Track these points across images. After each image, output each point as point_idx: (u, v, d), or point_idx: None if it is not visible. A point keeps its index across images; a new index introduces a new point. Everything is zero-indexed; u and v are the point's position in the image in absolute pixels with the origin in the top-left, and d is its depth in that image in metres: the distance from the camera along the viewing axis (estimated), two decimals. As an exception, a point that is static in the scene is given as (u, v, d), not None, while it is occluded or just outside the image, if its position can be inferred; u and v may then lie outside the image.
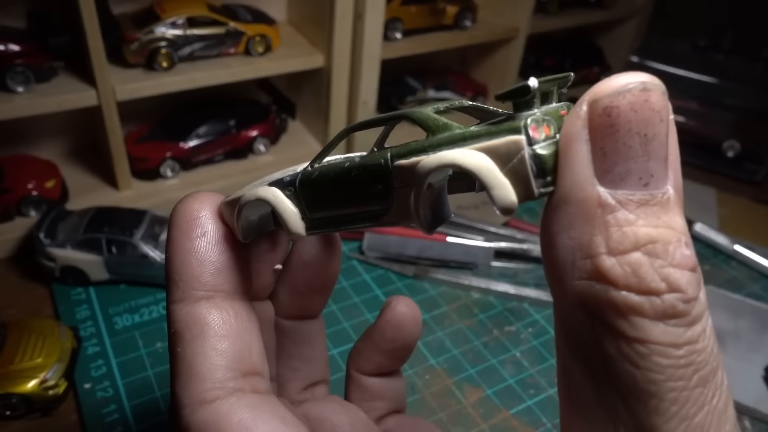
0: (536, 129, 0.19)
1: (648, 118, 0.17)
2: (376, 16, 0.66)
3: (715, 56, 0.89)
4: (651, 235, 0.17)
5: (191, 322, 0.24)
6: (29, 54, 0.56)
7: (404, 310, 0.29)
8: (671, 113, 0.18)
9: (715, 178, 0.84)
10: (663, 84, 0.18)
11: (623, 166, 0.17)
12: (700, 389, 0.18)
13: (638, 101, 0.17)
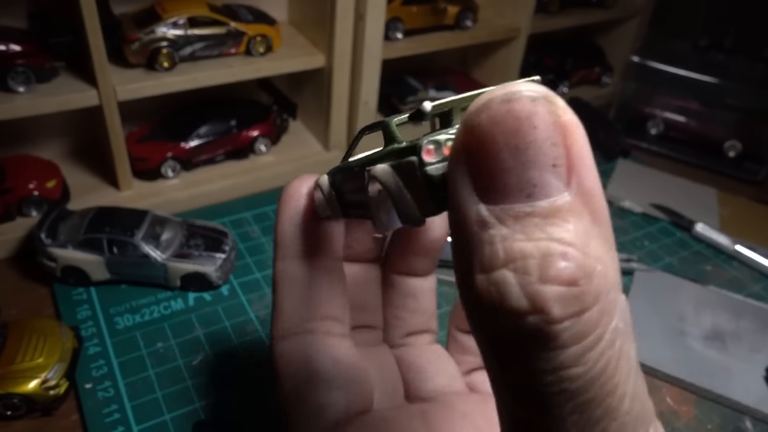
0: (431, 151, 0.19)
1: (515, 128, 0.17)
2: (377, 17, 0.66)
3: (716, 56, 0.89)
4: (524, 249, 0.16)
5: (282, 275, 0.31)
6: (30, 54, 0.56)
7: None
8: (565, 116, 0.17)
9: (716, 178, 0.84)
10: (540, 91, 0.17)
11: (500, 180, 0.17)
12: (576, 416, 0.17)
13: (498, 113, 0.17)
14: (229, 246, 0.58)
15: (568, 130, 0.17)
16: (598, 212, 0.17)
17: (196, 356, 0.51)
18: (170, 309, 0.55)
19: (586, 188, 0.17)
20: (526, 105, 0.17)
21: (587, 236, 0.17)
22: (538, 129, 0.16)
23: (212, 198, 0.68)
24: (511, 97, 0.17)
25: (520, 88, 0.17)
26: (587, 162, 0.17)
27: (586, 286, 0.16)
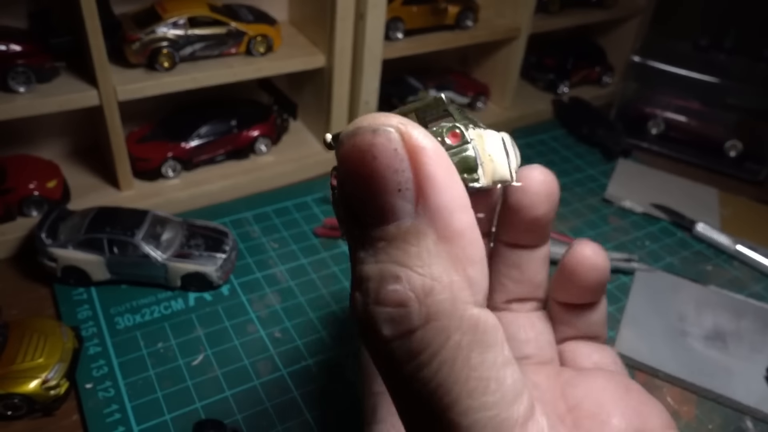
0: (458, 135, 0.21)
1: (359, 160, 0.18)
2: (377, 16, 0.66)
3: (717, 56, 0.89)
4: (369, 272, 0.18)
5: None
6: (30, 54, 0.56)
7: (587, 253, 0.31)
8: (412, 141, 0.18)
9: (717, 178, 0.83)
10: (383, 122, 0.18)
11: (357, 208, 0.18)
12: (424, 422, 0.19)
13: (347, 148, 0.18)
14: (229, 246, 0.58)
15: (415, 154, 0.17)
16: (448, 230, 0.18)
17: (196, 356, 0.51)
18: (171, 309, 0.55)
19: (435, 208, 0.18)
20: (365, 138, 0.18)
21: (429, 256, 0.18)
22: (378, 159, 0.18)
23: (213, 198, 0.68)
24: (354, 132, 0.18)
25: (364, 121, 0.18)
26: (439, 182, 0.18)
27: (416, 306, 0.17)
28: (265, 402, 0.48)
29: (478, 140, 0.21)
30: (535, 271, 0.33)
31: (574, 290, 0.32)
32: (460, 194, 0.18)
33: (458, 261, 0.18)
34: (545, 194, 0.30)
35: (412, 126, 0.18)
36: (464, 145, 0.20)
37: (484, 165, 0.21)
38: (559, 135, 0.89)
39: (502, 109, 0.89)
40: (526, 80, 0.96)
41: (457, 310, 0.18)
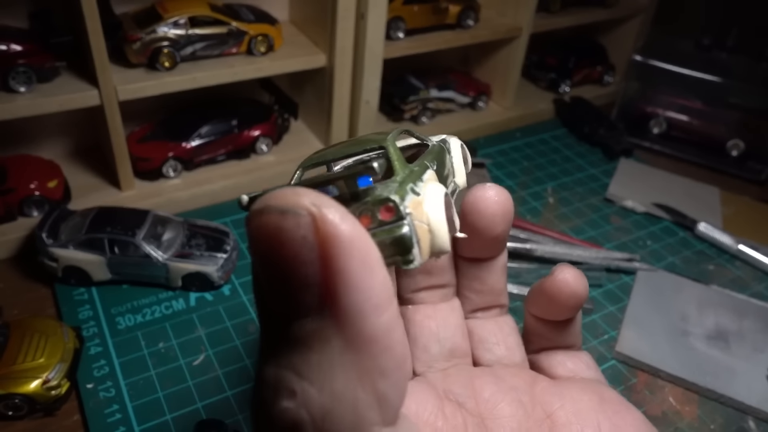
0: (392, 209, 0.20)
1: (266, 244, 0.16)
2: (378, 16, 0.66)
3: (719, 55, 0.89)
4: (267, 376, 0.17)
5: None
6: (31, 54, 0.56)
7: (568, 280, 0.31)
8: (326, 228, 0.15)
9: (719, 178, 0.83)
10: (294, 201, 0.15)
11: (264, 292, 0.17)
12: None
13: (254, 226, 0.16)
14: (230, 246, 0.58)
15: (326, 244, 0.15)
16: (357, 337, 0.15)
17: (197, 356, 0.51)
18: (171, 309, 0.55)
19: (343, 310, 0.15)
20: (272, 219, 0.15)
21: (331, 367, 0.15)
22: (284, 247, 0.15)
23: (213, 198, 0.68)
24: (262, 210, 0.15)
25: (274, 199, 0.16)
26: (351, 279, 0.15)
27: (311, 430, 0.15)
28: (266, 402, 0.48)
29: (415, 210, 0.19)
30: (495, 280, 0.33)
31: (552, 310, 0.32)
32: (378, 292, 0.16)
33: (367, 374, 0.16)
34: (501, 215, 0.29)
35: (328, 207, 0.15)
36: (398, 222, 0.18)
37: (421, 241, 0.19)
38: (561, 134, 0.89)
39: (504, 109, 0.89)
40: (527, 79, 0.96)
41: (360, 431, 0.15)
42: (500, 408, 0.31)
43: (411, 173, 0.21)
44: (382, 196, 0.18)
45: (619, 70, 0.99)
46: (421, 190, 0.20)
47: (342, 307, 0.15)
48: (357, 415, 0.15)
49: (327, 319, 0.16)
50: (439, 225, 0.19)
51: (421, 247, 0.19)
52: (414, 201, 0.19)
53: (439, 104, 0.84)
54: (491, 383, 0.32)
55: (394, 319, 0.16)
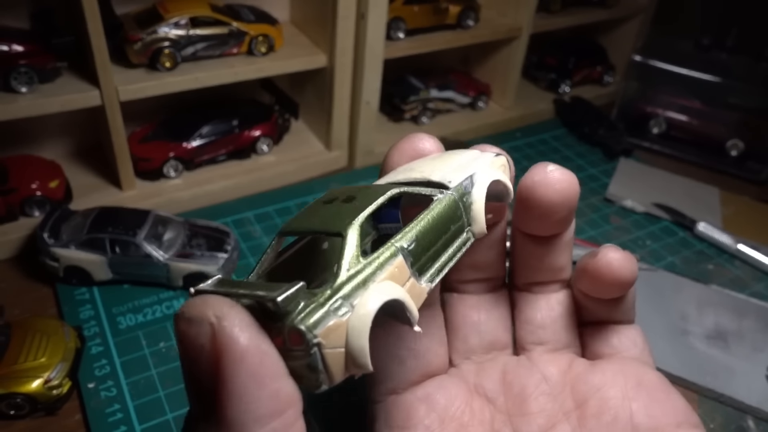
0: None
1: (177, 342, 0.17)
2: (378, 16, 0.66)
3: (719, 55, 0.89)
4: None
5: None
6: (33, 54, 0.56)
7: (607, 260, 0.29)
8: (222, 339, 0.16)
9: (718, 178, 0.83)
10: (195, 311, 0.17)
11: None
12: None
13: (175, 328, 0.17)
14: (231, 246, 0.58)
15: (219, 354, 0.16)
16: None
17: (198, 356, 0.51)
18: (173, 309, 0.55)
19: (226, 420, 0.16)
20: (181, 326, 0.17)
21: None
22: (186, 352, 0.16)
23: (214, 198, 0.68)
24: (179, 314, 0.17)
25: (188, 306, 0.17)
26: (236, 391, 0.16)
27: None
28: (267, 401, 0.48)
29: (328, 336, 0.18)
30: (555, 257, 0.32)
31: (596, 290, 0.31)
32: (263, 404, 0.16)
33: None
34: (560, 202, 0.28)
35: (229, 320, 0.16)
36: (305, 350, 0.18)
37: (331, 367, 0.19)
38: (561, 134, 0.89)
39: (504, 109, 0.89)
40: (527, 80, 0.96)
41: None
42: (528, 404, 0.31)
43: (347, 281, 0.20)
44: (293, 323, 0.18)
45: (618, 70, 0.99)
46: (353, 303, 0.20)
47: (224, 416, 0.16)
48: None
49: (212, 424, 0.16)
50: (359, 335, 0.19)
51: (331, 372, 0.19)
52: (331, 326, 0.19)
53: (439, 104, 0.85)
54: (523, 376, 0.31)
55: (280, 430, 0.17)
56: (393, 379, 0.31)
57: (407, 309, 0.22)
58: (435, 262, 0.24)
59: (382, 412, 0.32)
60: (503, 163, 0.29)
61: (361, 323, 0.19)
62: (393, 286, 0.21)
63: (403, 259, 0.22)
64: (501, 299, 0.34)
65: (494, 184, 0.27)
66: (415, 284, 0.23)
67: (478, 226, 0.27)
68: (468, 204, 0.26)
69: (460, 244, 0.26)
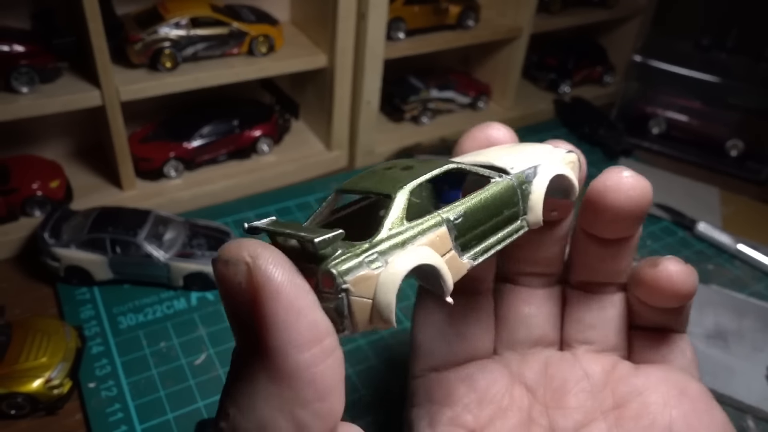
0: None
1: (219, 288, 0.18)
2: (378, 16, 0.67)
3: (719, 55, 0.89)
4: (221, 395, 0.19)
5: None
6: (33, 55, 0.56)
7: (667, 273, 0.29)
8: (258, 276, 0.17)
9: (718, 178, 0.83)
10: (237, 251, 0.18)
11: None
12: None
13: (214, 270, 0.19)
14: (231, 246, 0.58)
15: (256, 291, 0.17)
16: (280, 372, 0.17)
17: (198, 356, 0.51)
18: (173, 308, 0.55)
19: (267, 348, 0.17)
20: (218, 268, 0.18)
21: (256, 398, 0.18)
22: (226, 291, 0.18)
23: (215, 198, 0.68)
24: (216, 259, 0.18)
25: (224, 250, 0.18)
26: (276, 322, 0.17)
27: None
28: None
29: (358, 285, 0.19)
30: (616, 261, 0.32)
31: (652, 300, 0.31)
32: (301, 333, 0.17)
33: (287, 404, 0.17)
34: (628, 209, 0.28)
35: (266, 259, 0.17)
36: (333, 294, 0.19)
37: (356, 314, 0.19)
38: (561, 134, 0.89)
39: (504, 109, 0.89)
40: (527, 80, 0.96)
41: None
42: (567, 399, 0.31)
43: (387, 239, 0.21)
44: (326, 266, 0.19)
45: (618, 70, 0.99)
46: (387, 259, 0.20)
47: (266, 345, 0.17)
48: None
49: (256, 354, 0.18)
50: (388, 293, 0.20)
51: (356, 319, 0.20)
52: (362, 276, 0.19)
53: (439, 104, 0.85)
54: (565, 371, 0.32)
55: (320, 356, 0.18)
56: (437, 357, 0.32)
57: (442, 277, 0.22)
58: (482, 242, 0.24)
59: (423, 388, 0.33)
60: (573, 160, 0.29)
61: (391, 279, 0.20)
62: (430, 252, 0.22)
63: (447, 231, 0.23)
64: (554, 295, 0.34)
65: (559, 179, 0.27)
66: (455, 257, 0.23)
67: (534, 216, 0.26)
68: (527, 193, 0.26)
69: (512, 230, 0.26)
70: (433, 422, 0.31)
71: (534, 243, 0.32)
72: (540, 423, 0.31)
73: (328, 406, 0.18)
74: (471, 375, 0.32)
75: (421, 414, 0.32)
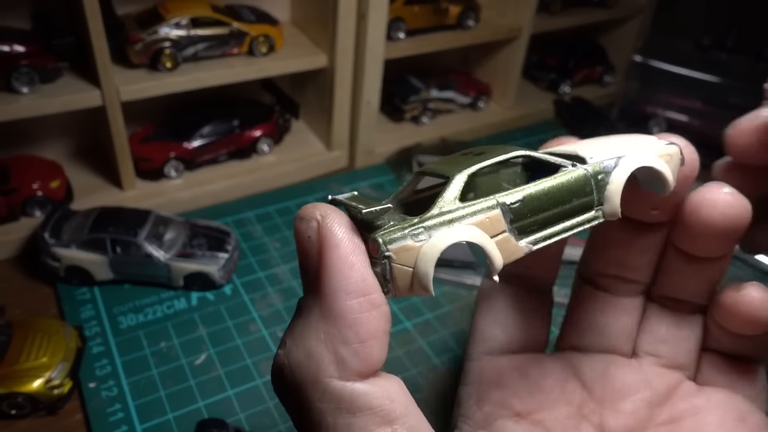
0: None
1: (295, 235, 0.22)
2: (379, 16, 0.67)
3: (719, 55, 0.89)
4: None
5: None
6: (34, 55, 0.56)
7: (749, 299, 0.28)
8: (323, 231, 0.21)
9: (718, 178, 0.83)
10: (314, 210, 0.21)
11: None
12: None
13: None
14: (231, 246, 0.58)
15: (322, 243, 0.21)
16: (329, 311, 0.20)
17: (199, 356, 0.51)
18: (173, 308, 0.55)
19: (323, 290, 0.20)
20: (296, 222, 0.22)
21: (308, 331, 0.21)
22: (298, 242, 0.21)
23: (215, 198, 0.68)
24: (296, 216, 0.22)
25: (304, 209, 0.22)
26: (332, 269, 0.20)
27: (288, 373, 0.21)
28: (268, 401, 0.48)
29: (401, 254, 0.22)
30: (702, 281, 0.31)
31: (731, 326, 0.30)
32: (352, 282, 0.20)
33: (332, 339, 0.20)
34: (723, 228, 0.27)
35: (332, 219, 0.21)
36: (378, 260, 0.22)
37: (397, 280, 0.22)
38: (561, 134, 0.89)
39: (504, 109, 0.89)
40: (527, 80, 0.96)
41: (319, 383, 0.20)
42: (623, 402, 0.31)
43: (436, 216, 0.22)
44: (374, 235, 0.21)
45: (619, 70, 0.99)
46: (432, 233, 0.22)
47: (322, 288, 0.21)
48: (318, 368, 0.20)
49: (314, 295, 0.21)
50: (426, 263, 0.22)
51: (397, 284, 0.22)
52: (404, 245, 0.22)
53: (439, 104, 0.85)
54: (628, 375, 0.32)
55: (365, 306, 0.20)
56: (493, 342, 0.34)
57: (488, 256, 0.23)
58: (544, 229, 0.25)
59: (476, 370, 0.34)
60: (671, 152, 0.27)
61: (431, 251, 0.22)
62: (476, 231, 0.23)
63: (501, 213, 0.23)
64: (634, 307, 0.33)
65: (649, 172, 0.26)
66: (509, 239, 0.23)
67: (610, 207, 0.26)
68: (603, 183, 0.26)
69: (583, 220, 0.26)
70: (480, 401, 0.33)
71: (626, 244, 0.31)
72: (591, 420, 0.31)
73: (367, 350, 0.20)
74: (524, 364, 0.33)
75: (470, 392, 0.33)
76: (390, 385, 0.21)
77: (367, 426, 0.20)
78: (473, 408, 0.33)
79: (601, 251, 0.32)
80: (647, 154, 0.27)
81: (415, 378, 0.51)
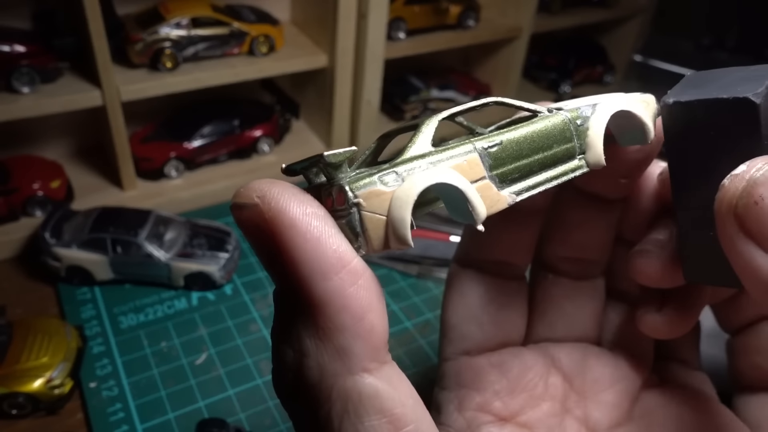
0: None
1: (242, 232, 0.19)
2: (379, 16, 0.67)
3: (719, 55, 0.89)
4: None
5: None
6: (34, 55, 0.56)
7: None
8: (270, 214, 0.17)
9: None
10: (252, 193, 0.18)
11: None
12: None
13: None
14: (232, 245, 0.58)
15: (274, 227, 0.17)
16: (310, 301, 0.18)
17: (199, 355, 0.51)
18: (174, 308, 0.55)
19: (295, 280, 0.18)
20: (235, 213, 0.18)
21: (296, 330, 0.18)
22: (248, 234, 0.18)
23: (215, 198, 0.68)
24: (231, 207, 0.19)
25: (237, 194, 0.18)
26: (297, 254, 0.17)
27: (291, 377, 0.19)
28: (268, 401, 0.48)
29: (370, 200, 0.19)
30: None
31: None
32: (325, 260, 0.17)
33: (324, 331, 0.18)
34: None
35: (273, 193, 0.18)
36: (346, 209, 0.18)
37: (369, 231, 0.19)
38: (561, 134, 0.89)
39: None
40: (527, 79, 0.96)
41: (325, 383, 0.18)
42: (606, 394, 0.31)
43: (408, 160, 0.20)
44: (339, 182, 0.18)
45: (619, 70, 0.99)
46: (404, 177, 0.19)
47: (293, 278, 0.18)
48: (321, 366, 0.18)
49: (288, 289, 0.18)
50: (401, 210, 0.19)
51: (369, 237, 0.19)
52: (374, 190, 0.18)
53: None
54: (606, 365, 0.32)
55: (348, 279, 0.18)
56: (469, 340, 0.32)
57: (469, 202, 0.20)
58: (527, 178, 0.23)
59: (453, 371, 0.32)
60: (647, 99, 0.26)
61: (405, 195, 0.19)
62: (454, 174, 0.20)
63: (479, 158, 0.21)
64: (597, 289, 0.33)
65: (627, 117, 0.25)
66: (490, 187, 0.21)
67: (593, 155, 0.24)
68: (583, 129, 0.24)
69: (567, 169, 0.24)
70: (461, 407, 0.31)
71: (587, 225, 0.30)
72: (575, 413, 0.31)
73: (367, 324, 0.18)
74: (504, 361, 0.31)
75: (449, 397, 0.32)
76: (401, 384, 0.19)
77: (376, 426, 0.18)
78: (454, 414, 0.31)
79: (562, 234, 0.31)
80: (623, 100, 0.26)
81: (415, 378, 0.51)
